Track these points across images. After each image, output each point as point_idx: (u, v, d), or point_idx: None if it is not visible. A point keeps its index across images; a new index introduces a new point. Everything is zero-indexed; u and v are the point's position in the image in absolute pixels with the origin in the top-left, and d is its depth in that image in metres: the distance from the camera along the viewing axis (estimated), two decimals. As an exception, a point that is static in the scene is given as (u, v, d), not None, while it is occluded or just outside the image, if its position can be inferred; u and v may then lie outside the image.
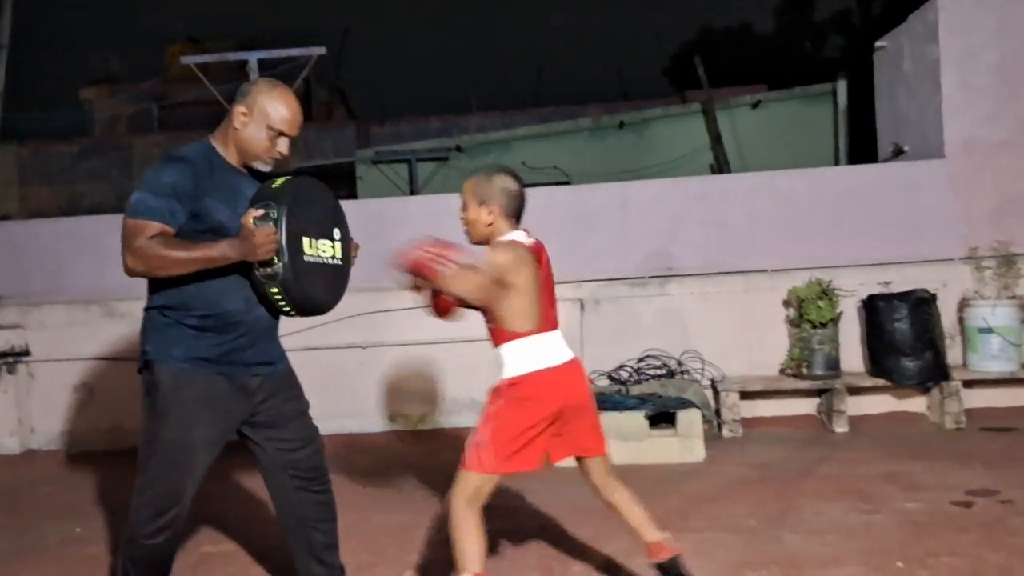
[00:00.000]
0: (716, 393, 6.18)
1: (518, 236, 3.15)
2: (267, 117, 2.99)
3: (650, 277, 6.54)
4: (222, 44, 21.84)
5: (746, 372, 6.33)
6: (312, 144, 17.91)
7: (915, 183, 6.58)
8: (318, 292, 3.06)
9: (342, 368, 6.38)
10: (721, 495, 4.64)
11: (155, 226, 2.83)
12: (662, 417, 5.55)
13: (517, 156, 13.15)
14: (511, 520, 4.41)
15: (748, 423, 6.13)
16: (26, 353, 6.68)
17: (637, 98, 18.70)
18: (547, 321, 3.14)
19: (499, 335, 3.14)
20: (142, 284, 3.05)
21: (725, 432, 6.01)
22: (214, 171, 2.98)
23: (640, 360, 6.29)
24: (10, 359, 6.60)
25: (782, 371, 6.31)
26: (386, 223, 6.23)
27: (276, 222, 2.86)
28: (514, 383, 3.08)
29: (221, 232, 2.91)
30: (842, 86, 11.91)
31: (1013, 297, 6.15)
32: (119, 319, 6.66)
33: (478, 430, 3.09)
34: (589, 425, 3.19)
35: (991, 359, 6.04)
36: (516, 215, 3.19)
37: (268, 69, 11.34)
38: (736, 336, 6.38)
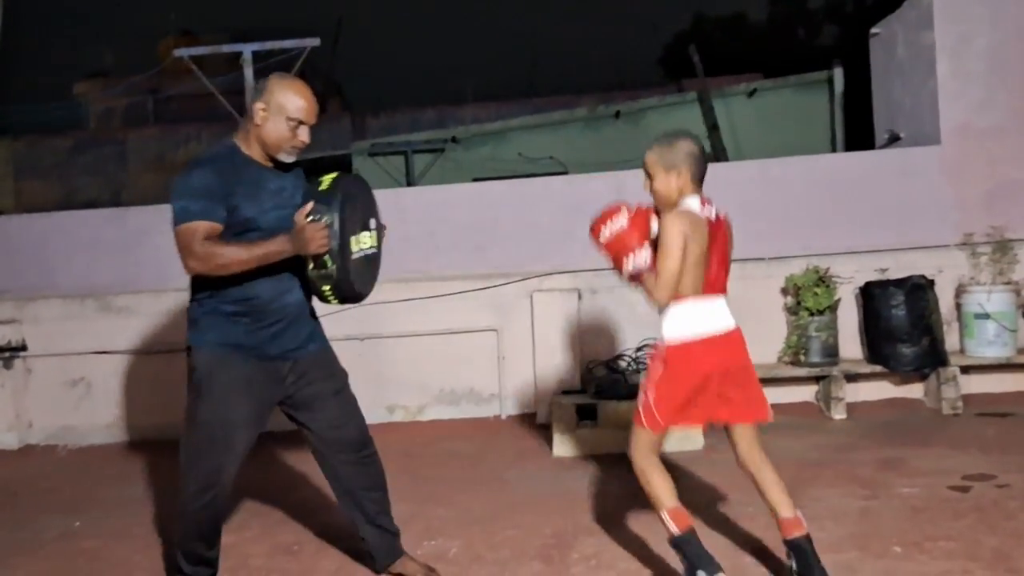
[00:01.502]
0: (713, 381, 6.18)
1: (694, 205, 3.20)
2: (284, 109, 3.15)
3: (647, 266, 6.53)
4: (216, 37, 21.77)
5: (743, 360, 6.33)
6: (307, 136, 17.85)
7: (910, 170, 6.58)
8: (363, 286, 3.27)
9: (340, 360, 6.36)
10: (719, 482, 4.65)
11: (204, 225, 3.04)
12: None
13: (513, 147, 13.16)
14: (509, 510, 4.42)
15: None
16: (23, 348, 6.67)
17: (633, 88, 18.69)
18: (711, 286, 3.22)
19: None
20: (136, 278, 3.11)
21: (723, 420, 6.02)
22: (238, 168, 3.16)
23: (638, 349, 6.29)
24: (6, 354, 6.59)
25: (780, 359, 6.32)
26: (382, 215, 6.21)
27: (330, 225, 3.03)
28: (672, 353, 3.17)
29: (251, 227, 3.12)
30: (837, 74, 11.93)
31: (1009, 283, 6.16)
32: (115, 313, 6.65)
33: (643, 389, 3.21)
34: (751, 393, 3.28)
35: (987, 345, 6.05)
36: (700, 178, 3.25)
37: (262, 61, 11.32)
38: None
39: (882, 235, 6.46)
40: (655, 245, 3.16)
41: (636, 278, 3.16)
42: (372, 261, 3.32)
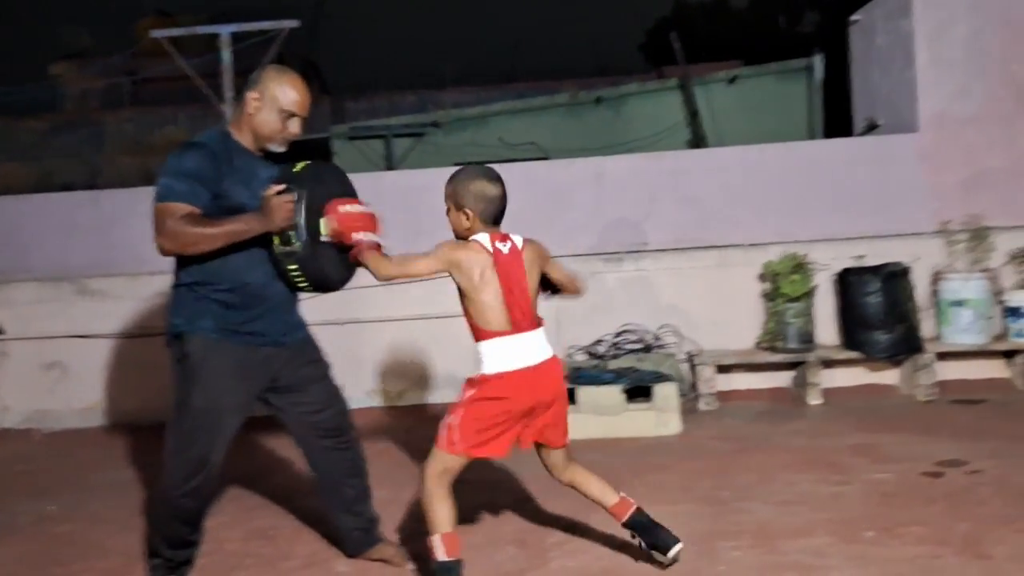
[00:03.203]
0: (692, 367, 6.21)
1: (483, 239, 3.18)
2: (277, 100, 3.20)
3: (626, 252, 6.55)
4: (193, 17, 21.57)
5: (721, 346, 6.36)
6: (286, 120, 17.73)
7: (888, 157, 6.61)
8: (332, 270, 3.27)
9: (320, 345, 6.34)
10: (695, 467, 4.68)
11: (182, 207, 3.05)
12: (638, 391, 5.58)
13: (494, 132, 13.13)
14: (487, 494, 4.42)
15: (723, 396, 6.17)
16: (1, 331, 6.61)
17: (614, 74, 18.69)
18: (520, 321, 3.17)
19: (476, 332, 3.22)
20: (112, 261, 3.09)
21: (701, 405, 6.05)
22: (231, 155, 3.19)
23: (617, 335, 6.31)
24: (-19, 337, 6.53)
25: (757, 345, 6.35)
26: (361, 199, 6.18)
27: (296, 201, 3.07)
28: (487, 380, 3.15)
29: (241, 212, 3.12)
30: (817, 61, 11.96)
31: (984, 270, 6.21)
32: (90, 296, 6.60)
33: (451, 412, 3.18)
34: (555, 419, 3.27)
35: (963, 332, 6.10)
36: (494, 220, 3.24)
37: (240, 42, 11.22)
38: (711, 310, 6.41)
39: (859, 222, 6.49)
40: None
41: (360, 253, 3.15)
42: (346, 252, 3.29)
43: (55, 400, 6.62)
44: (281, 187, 3.09)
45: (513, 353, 3.15)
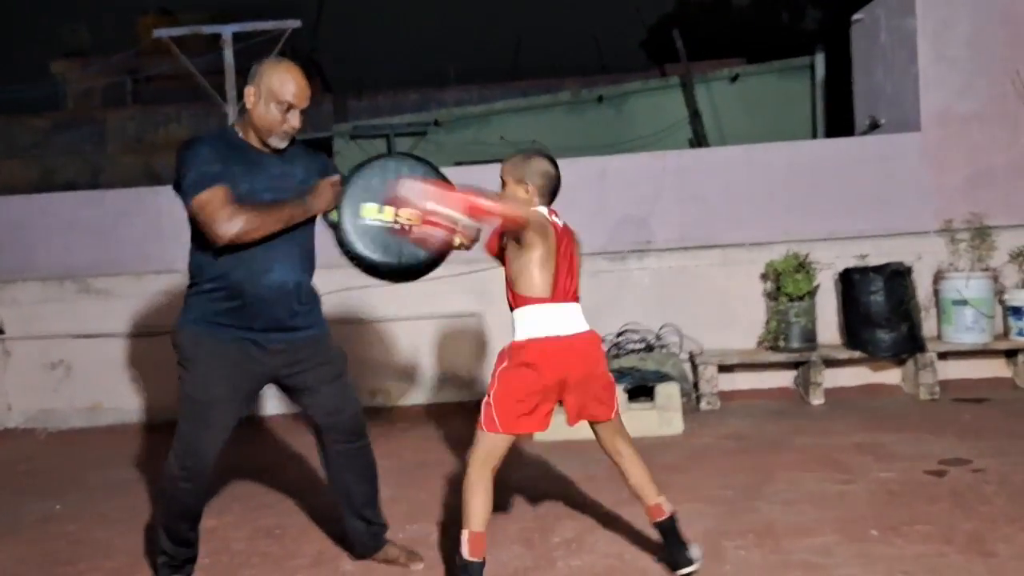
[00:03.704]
0: (694, 366, 6.22)
1: (543, 210, 3.27)
2: (274, 93, 3.17)
3: (628, 251, 6.56)
4: (195, 15, 21.56)
5: (724, 345, 6.37)
6: (288, 118, 17.71)
7: (891, 156, 6.61)
8: (374, 252, 3.34)
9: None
10: (699, 467, 4.69)
11: (221, 190, 3.07)
12: (641, 390, 5.58)
13: (496, 130, 13.11)
14: (494, 494, 4.43)
15: (726, 396, 6.18)
16: (0, 331, 6.62)
17: (616, 71, 18.65)
18: (562, 292, 3.21)
19: (515, 299, 3.22)
20: (115, 261, 3.10)
21: (703, 405, 6.06)
22: (231, 147, 3.20)
23: (619, 334, 6.31)
24: (-15, 337, 6.55)
25: (759, 344, 6.36)
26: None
27: (344, 185, 3.28)
28: (518, 347, 3.17)
29: (246, 201, 3.12)
30: (819, 59, 11.92)
31: (987, 269, 6.21)
32: (94, 295, 6.61)
33: (488, 390, 3.21)
34: (596, 394, 3.26)
35: (965, 331, 6.11)
36: (550, 197, 3.32)
37: (242, 42, 11.21)
38: (714, 309, 6.42)
39: (862, 221, 6.49)
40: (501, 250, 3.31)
41: (475, 209, 2.98)
42: (396, 238, 3.34)
43: (59, 399, 6.63)
44: (336, 179, 3.27)
45: (546, 321, 3.16)
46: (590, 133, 12.77)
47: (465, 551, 3.13)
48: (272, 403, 6.19)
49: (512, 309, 3.23)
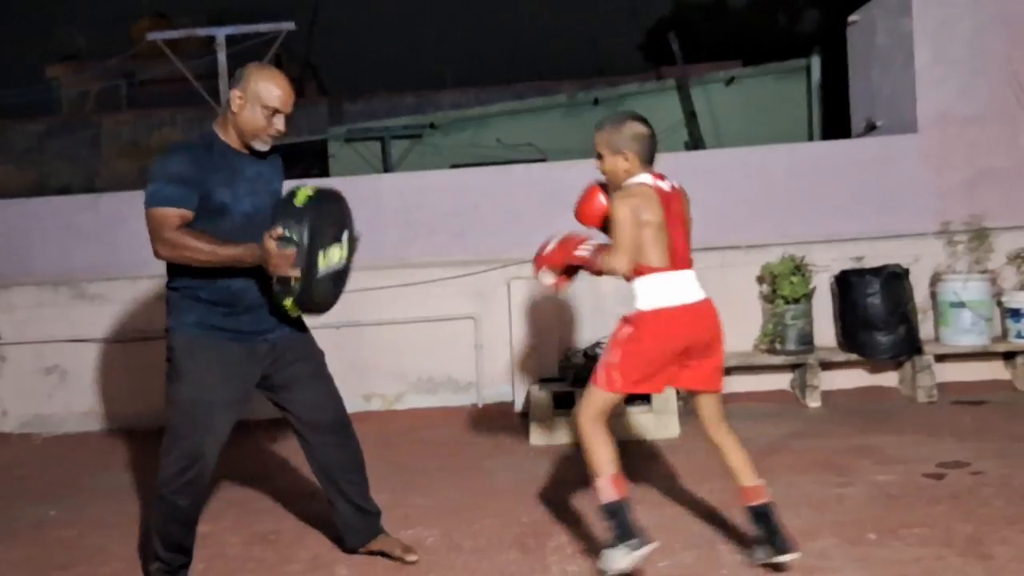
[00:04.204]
0: (691, 369, 6.19)
1: (646, 179, 3.27)
2: (260, 97, 3.21)
3: (625, 254, 6.53)
4: (190, 19, 21.55)
5: (721, 348, 6.34)
6: (284, 121, 17.69)
7: (888, 158, 6.60)
8: (326, 299, 3.35)
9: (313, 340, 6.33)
10: (696, 470, 4.67)
11: (175, 213, 3.12)
12: (637, 394, 5.56)
13: (492, 133, 13.13)
14: (489, 497, 4.42)
15: (723, 398, 6.14)
16: (-4, 336, 6.60)
17: (612, 74, 18.68)
18: (679, 259, 3.26)
19: (635, 268, 3.23)
20: (111, 265, 3.09)
21: (700, 407, 6.03)
22: (214, 155, 3.23)
23: (615, 337, 6.29)
24: (-21, 341, 6.51)
25: (756, 346, 6.34)
26: (359, 202, 6.12)
27: (298, 250, 3.10)
28: (644, 317, 3.23)
29: (224, 212, 3.20)
30: (816, 61, 11.95)
31: (985, 271, 6.20)
32: (89, 300, 6.58)
33: (609, 351, 3.26)
34: (712, 363, 3.33)
35: (963, 333, 6.09)
36: (650, 159, 3.33)
37: (237, 45, 11.19)
38: (711, 312, 6.38)
39: (859, 223, 6.48)
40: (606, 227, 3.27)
41: (594, 263, 3.21)
42: (340, 276, 3.38)
43: (54, 404, 6.60)
44: (278, 232, 3.09)
45: (670, 290, 3.22)
46: (587, 135, 12.72)
47: (608, 495, 3.18)
48: (266, 408, 6.16)
49: (629, 278, 3.25)
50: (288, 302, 3.21)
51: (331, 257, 3.28)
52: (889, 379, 6.29)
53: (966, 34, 6.56)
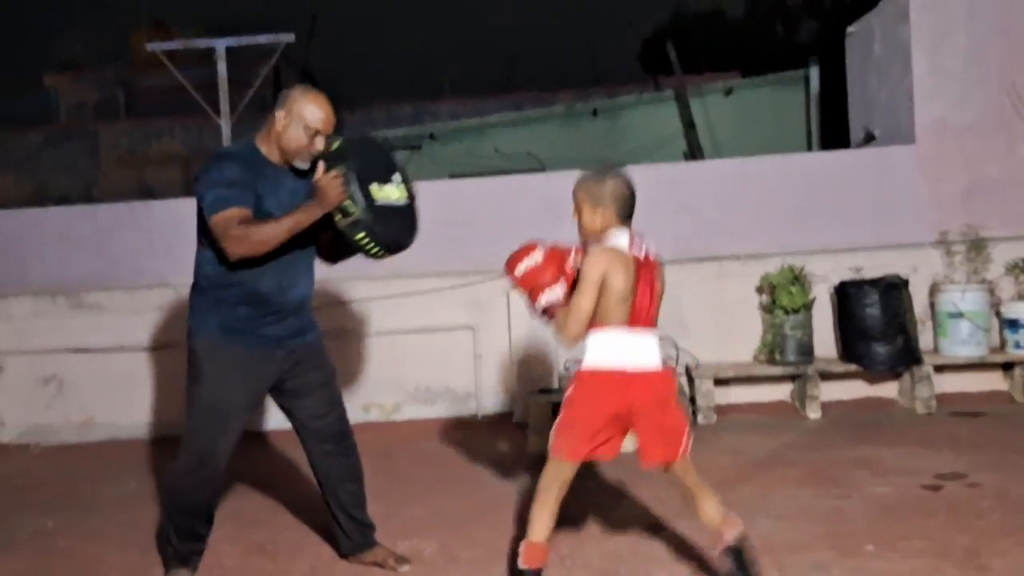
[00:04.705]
0: (690, 380, 6.19)
1: (621, 242, 3.18)
2: (304, 118, 3.36)
3: (623, 264, 6.54)
4: (188, 28, 21.58)
5: (719, 359, 6.34)
6: (283, 131, 17.70)
7: (886, 168, 6.61)
8: (398, 231, 3.43)
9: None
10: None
11: (238, 211, 3.22)
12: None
13: (490, 143, 13.12)
14: (485, 510, 4.41)
15: (722, 410, 6.16)
16: (-7, 345, 6.59)
17: (610, 84, 18.68)
18: (640, 318, 3.16)
19: (588, 324, 3.17)
20: (109, 275, 3.11)
21: (699, 419, 6.03)
22: (257, 166, 3.37)
23: (614, 347, 6.29)
24: (-23, 351, 6.51)
25: (755, 357, 6.34)
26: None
27: (345, 173, 3.23)
28: (581, 376, 3.17)
29: (268, 219, 3.27)
30: (814, 72, 11.96)
31: (983, 281, 6.21)
32: (87, 310, 6.58)
33: (560, 413, 3.21)
34: (659, 431, 3.15)
35: (961, 344, 6.10)
36: (627, 216, 3.25)
37: (236, 56, 11.17)
38: (709, 323, 6.39)
39: (857, 234, 6.49)
40: (575, 281, 3.16)
41: (548, 313, 3.17)
42: (404, 212, 3.47)
43: (52, 414, 6.59)
44: (324, 168, 3.26)
45: (617, 350, 3.12)
46: (585, 145, 12.78)
47: (524, 561, 3.19)
48: (264, 420, 6.16)
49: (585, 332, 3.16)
50: (362, 236, 3.27)
51: (388, 192, 3.38)
52: (888, 390, 6.29)
53: (963, 45, 6.58)
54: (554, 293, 3.16)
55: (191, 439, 3.43)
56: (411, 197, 3.53)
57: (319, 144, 3.38)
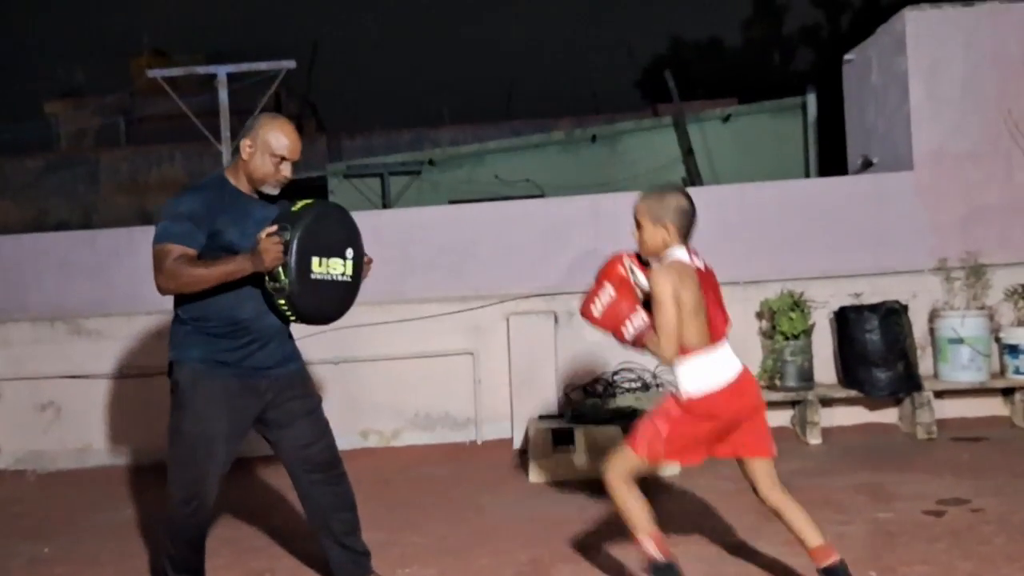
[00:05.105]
0: (690, 405, 6.16)
1: (682, 255, 3.25)
2: (269, 146, 3.38)
3: (623, 290, 6.53)
4: (189, 56, 21.69)
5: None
6: (283, 158, 17.74)
7: (884, 195, 6.63)
8: (322, 305, 3.40)
9: (314, 383, 6.30)
10: (697, 508, 4.64)
11: (177, 248, 3.24)
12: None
13: (490, 169, 13.17)
14: (485, 537, 4.38)
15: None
16: (-9, 371, 6.57)
17: (609, 111, 18.77)
18: (716, 334, 3.23)
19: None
20: (107, 301, 3.08)
21: (699, 444, 6.00)
22: (225, 197, 3.38)
23: (615, 373, 6.28)
24: (-25, 377, 6.48)
25: (755, 383, 6.32)
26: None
27: (287, 242, 3.19)
28: (694, 402, 3.19)
29: (232, 250, 3.29)
30: (811, 99, 12.04)
31: (982, 307, 6.21)
32: (85, 336, 6.57)
33: (655, 420, 3.23)
34: (755, 430, 3.29)
35: (961, 369, 6.09)
36: (687, 232, 3.32)
37: (237, 83, 11.25)
38: (709, 348, 6.37)
39: (857, 260, 6.49)
40: (647, 302, 3.20)
41: (639, 342, 3.18)
42: (340, 287, 3.42)
43: (49, 441, 6.56)
44: (273, 228, 3.23)
45: (714, 370, 3.18)
46: (584, 172, 12.82)
47: (655, 554, 3.17)
48: (260, 445, 6.12)
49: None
50: (282, 302, 3.27)
51: (331, 266, 3.35)
52: (889, 415, 6.27)
53: (959, 72, 6.62)
54: (638, 319, 3.18)
55: (180, 472, 3.40)
56: (356, 276, 3.48)
57: (286, 170, 3.41)
